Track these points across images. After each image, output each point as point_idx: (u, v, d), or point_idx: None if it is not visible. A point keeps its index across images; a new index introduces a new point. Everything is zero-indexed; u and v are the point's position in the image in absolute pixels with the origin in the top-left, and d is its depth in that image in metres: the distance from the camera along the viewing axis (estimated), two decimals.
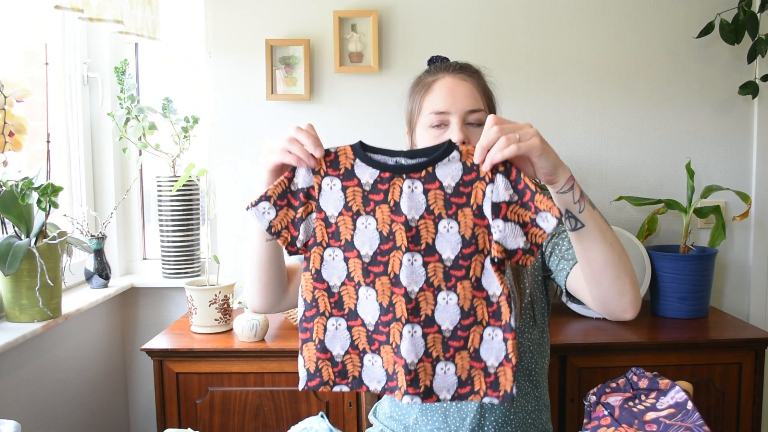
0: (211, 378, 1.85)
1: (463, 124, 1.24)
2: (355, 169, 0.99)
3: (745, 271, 2.28)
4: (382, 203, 0.98)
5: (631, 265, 1.08)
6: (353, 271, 1.00)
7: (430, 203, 0.97)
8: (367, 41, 2.18)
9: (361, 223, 0.99)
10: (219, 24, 2.21)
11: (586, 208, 1.01)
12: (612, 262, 1.05)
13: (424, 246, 0.98)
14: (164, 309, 2.35)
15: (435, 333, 0.98)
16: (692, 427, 1.15)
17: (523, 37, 2.21)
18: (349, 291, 1.01)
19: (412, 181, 0.98)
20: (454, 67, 1.30)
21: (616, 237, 1.06)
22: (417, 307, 0.98)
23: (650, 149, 2.25)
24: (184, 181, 1.96)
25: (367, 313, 1.00)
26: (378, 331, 1.00)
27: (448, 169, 0.97)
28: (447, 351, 0.98)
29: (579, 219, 1.02)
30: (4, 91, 1.64)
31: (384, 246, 0.99)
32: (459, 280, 0.98)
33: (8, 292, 1.70)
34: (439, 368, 0.98)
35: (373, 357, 1.01)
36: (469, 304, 0.98)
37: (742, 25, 2.08)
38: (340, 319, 1.01)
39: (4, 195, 1.66)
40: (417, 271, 0.98)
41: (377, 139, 2.21)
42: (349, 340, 1.01)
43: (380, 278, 0.99)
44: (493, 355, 0.97)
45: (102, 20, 1.79)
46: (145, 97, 2.36)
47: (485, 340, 0.98)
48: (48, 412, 1.86)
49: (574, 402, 1.84)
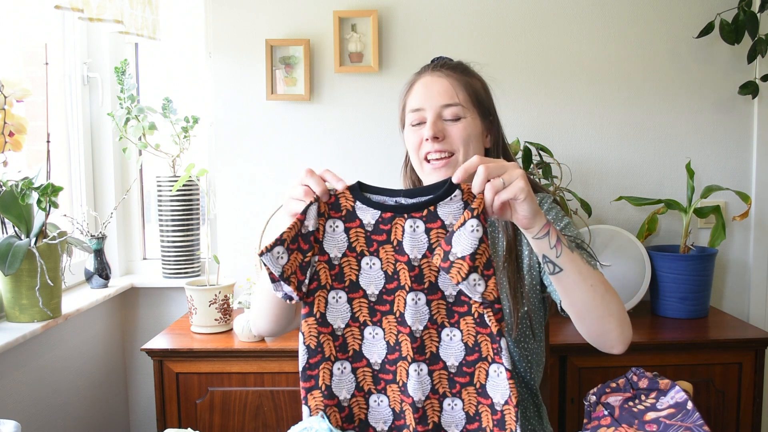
0: (211, 378, 1.85)
1: (438, 119, 1.24)
2: (357, 210, 0.99)
3: (745, 271, 2.28)
4: (385, 243, 0.98)
5: (618, 303, 1.07)
6: (358, 311, 0.99)
7: (432, 242, 0.96)
8: (367, 41, 2.18)
9: (365, 263, 0.98)
10: (219, 24, 2.21)
11: (563, 253, 1.00)
12: (594, 303, 1.05)
13: (427, 285, 0.97)
14: (164, 309, 2.34)
15: (441, 370, 0.98)
16: (692, 427, 1.15)
17: (523, 37, 2.21)
18: (354, 332, 1.00)
19: (414, 221, 0.97)
20: (435, 65, 1.31)
21: (600, 277, 1.06)
22: (422, 346, 0.97)
23: (650, 149, 2.25)
24: (184, 181, 1.96)
25: (374, 352, 1.00)
26: (384, 370, 1.00)
27: (450, 208, 0.96)
28: (453, 387, 0.98)
29: (557, 264, 1.01)
30: (4, 91, 1.64)
31: (389, 285, 0.98)
32: (462, 316, 0.97)
33: (8, 292, 1.70)
34: (446, 404, 0.98)
35: (378, 397, 1.01)
36: (473, 339, 0.97)
37: (742, 25, 2.08)
38: (345, 362, 1.00)
39: (4, 195, 1.66)
40: (421, 310, 0.97)
41: (377, 138, 2.23)
42: (355, 383, 1.00)
43: (387, 317, 0.99)
44: (498, 392, 0.96)
45: (102, 20, 1.79)
46: (145, 97, 2.36)
47: (491, 375, 0.97)
48: (48, 412, 1.86)
49: (574, 402, 1.84)
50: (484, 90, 1.32)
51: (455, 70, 1.29)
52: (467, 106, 1.26)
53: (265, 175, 2.25)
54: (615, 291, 1.09)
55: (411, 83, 1.31)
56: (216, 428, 1.87)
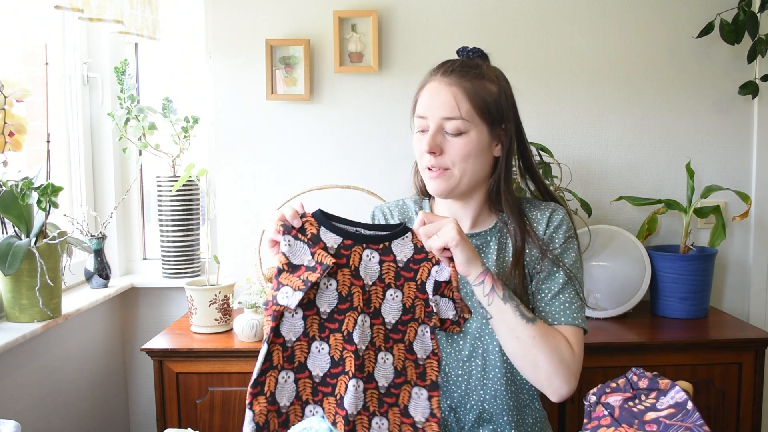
0: (211, 378, 1.85)
1: (438, 132, 1.22)
2: (321, 234, 1.08)
3: (745, 271, 2.28)
4: (344, 267, 1.08)
5: (548, 357, 1.17)
6: (310, 327, 1.08)
7: (383, 272, 1.09)
8: (367, 41, 2.18)
9: (323, 284, 1.07)
10: (219, 24, 2.21)
11: (494, 303, 1.15)
12: (518, 354, 1.18)
13: (372, 309, 1.09)
14: (164, 309, 2.34)
15: (373, 389, 1.07)
16: (692, 427, 1.15)
17: (523, 37, 2.21)
18: (302, 346, 1.08)
19: (371, 251, 1.09)
20: (446, 68, 1.26)
21: (531, 331, 1.16)
22: (362, 364, 1.06)
23: (650, 149, 2.25)
24: (184, 181, 1.96)
25: (317, 365, 1.08)
26: (324, 383, 1.08)
27: (402, 247, 1.10)
28: (381, 406, 1.07)
29: (488, 310, 1.17)
30: (4, 91, 1.64)
31: (342, 306, 1.07)
32: (395, 342, 1.09)
33: (8, 292, 1.70)
34: (375, 422, 1.07)
35: (314, 407, 1.09)
36: (402, 364, 1.09)
37: (742, 25, 2.08)
38: (290, 372, 1.08)
39: (4, 195, 1.66)
40: (365, 332, 1.07)
41: (377, 138, 2.23)
42: (295, 392, 1.08)
43: (334, 334, 1.07)
44: (419, 411, 1.08)
45: (102, 20, 1.79)
46: (145, 97, 2.36)
47: (413, 398, 1.09)
48: (48, 412, 1.86)
49: (574, 402, 1.84)
50: (499, 95, 1.26)
51: (467, 76, 1.23)
52: (471, 119, 1.21)
53: (265, 175, 2.25)
54: (554, 345, 1.18)
55: (422, 85, 1.28)
56: (216, 428, 1.87)
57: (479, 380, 1.28)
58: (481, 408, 1.28)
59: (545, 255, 1.27)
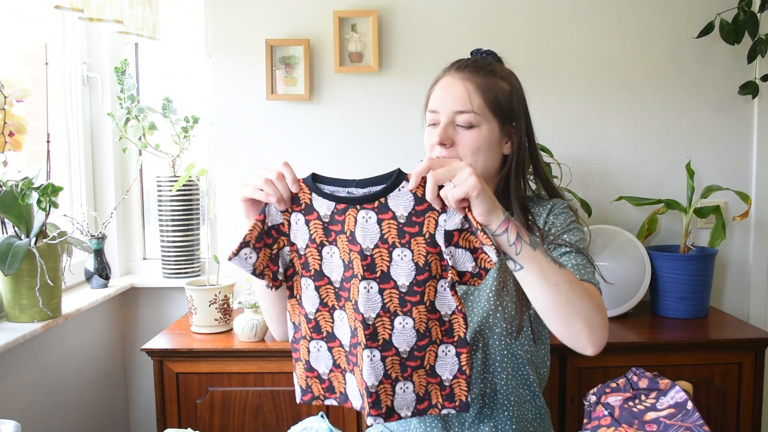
0: (211, 378, 1.85)
1: (449, 124, 1.24)
2: (313, 202, 1.02)
3: (745, 271, 2.28)
4: (341, 233, 1.02)
5: (588, 303, 1.06)
6: (326, 297, 1.05)
7: (384, 233, 1.00)
8: (367, 41, 2.18)
9: (326, 252, 1.03)
10: (219, 24, 2.21)
11: (523, 250, 1.01)
12: (557, 303, 1.04)
13: (379, 274, 1.01)
14: (164, 309, 2.34)
15: (393, 356, 1.02)
16: (692, 427, 1.15)
17: (523, 37, 2.21)
18: (324, 316, 1.06)
19: (366, 212, 1.00)
20: (460, 64, 1.29)
21: (567, 277, 1.04)
22: (375, 333, 1.01)
23: (650, 149, 2.25)
24: (184, 181, 1.96)
25: (343, 335, 1.06)
26: (351, 353, 1.05)
27: (401, 200, 1.00)
28: (405, 371, 1.04)
29: (516, 261, 1.02)
30: (4, 91, 1.64)
31: (347, 273, 1.03)
32: (414, 305, 1.02)
33: (8, 292, 1.70)
34: (399, 388, 1.04)
35: (351, 377, 1.07)
36: (425, 326, 1.02)
37: (742, 25, 2.08)
38: (321, 342, 1.07)
39: (4, 195, 1.66)
40: (373, 298, 1.01)
41: (377, 138, 2.23)
42: (332, 360, 1.07)
43: (348, 303, 1.03)
44: (447, 369, 1.04)
45: (102, 20, 1.79)
46: (145, 97, 2.36)
47: (440, 356, 1.04)
48: (48, 412, 1.86)
49: (574, 402, 1.84)
50: (511, 93, 1.28)
51: (479, 72, 1.26)
52: (482, 114, 1.23)
53: None
54: (587, 291, 1.08)
55: (435, 80, 1.31)
56: (216, 428, 1.87)
57: (480, 374, 1.28)
58: (482, 403, 1.28)
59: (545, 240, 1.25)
